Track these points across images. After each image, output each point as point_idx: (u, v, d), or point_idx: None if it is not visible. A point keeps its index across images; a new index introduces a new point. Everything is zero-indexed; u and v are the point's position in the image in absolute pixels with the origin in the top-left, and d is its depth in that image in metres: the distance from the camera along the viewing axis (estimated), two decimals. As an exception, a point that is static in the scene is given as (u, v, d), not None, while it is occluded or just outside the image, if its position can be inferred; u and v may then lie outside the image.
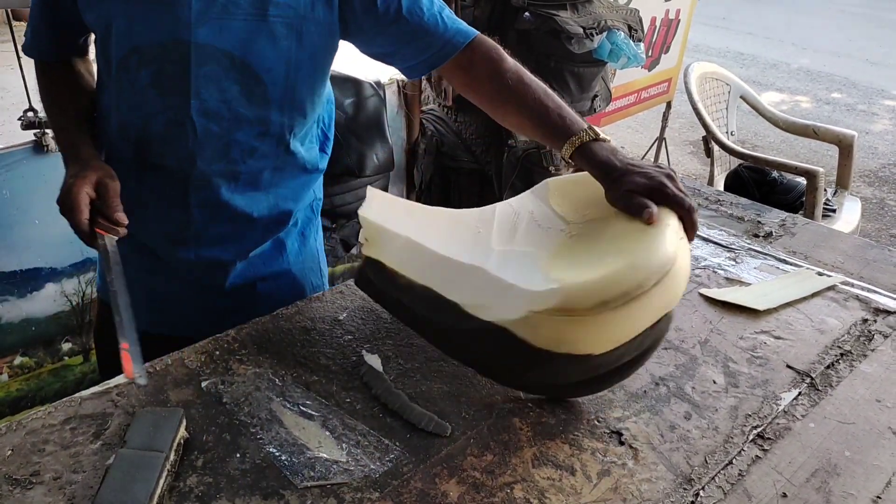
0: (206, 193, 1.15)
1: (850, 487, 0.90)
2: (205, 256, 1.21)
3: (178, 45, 1.03)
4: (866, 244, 1.53)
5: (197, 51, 1.03)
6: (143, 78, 1.06)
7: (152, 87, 1.06)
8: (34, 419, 0.93)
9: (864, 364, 1.13)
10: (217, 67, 1.05)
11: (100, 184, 1.03)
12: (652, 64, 3.47)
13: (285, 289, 1.30)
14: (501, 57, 1.12)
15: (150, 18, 1.02)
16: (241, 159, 1.13)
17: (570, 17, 2.25)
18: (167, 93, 1.06)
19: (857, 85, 6.81)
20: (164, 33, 1.03)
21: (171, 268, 1.21)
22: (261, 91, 1.08)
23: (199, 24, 1.02)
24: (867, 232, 3.97)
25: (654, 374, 1.08)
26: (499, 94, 1.11)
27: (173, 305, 1.26)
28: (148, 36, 1.03)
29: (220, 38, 1.03)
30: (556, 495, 0.86)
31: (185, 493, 0.84)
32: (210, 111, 1.08)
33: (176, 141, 1.10)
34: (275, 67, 1.07)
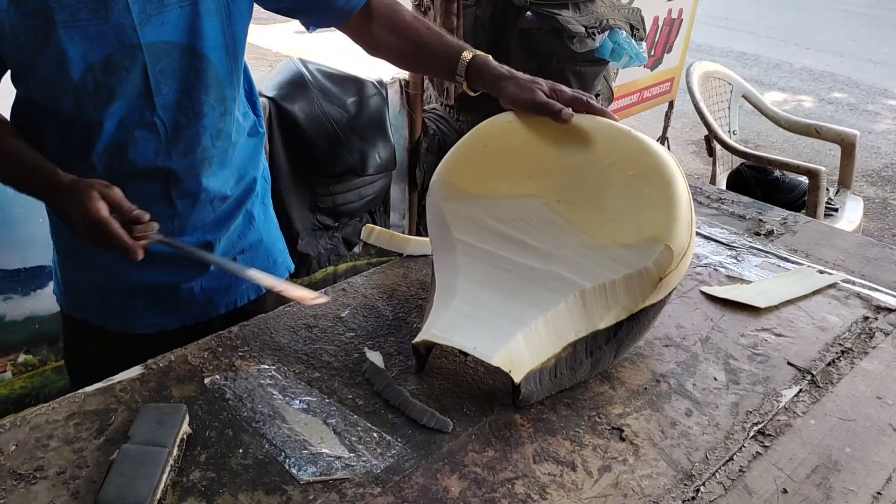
0: (187, 184, 1.16)
1: (850, 483, 0.90)
2: (190, 243, 1.20)
3: (129, 50, 1.03)
4: (867, 242, 1.53)
5: (148, 50, 1.04)
6: (104, 93, 1.05)
7: (117, 98, 1.06)
8: (38, 415, 0.94)
9: (865, 361, 1.13)
10: (170, 60, 1.07)
11: (104, 196, 1.01)
12: (654, 63, 3.47)
13: (260, 259, 1.35)
14: (396, 10, 1.23)
15: (93, 34, 1.01)
16: (211, 144, 1.16)
17: (572, 16, 2.25)
18: (130, 98, 1.06)
19: (860, 85, 6.80)
20: (112, 44, 1.02)
21: (158, 259, 1.18)
22: (212, 72, 1.11)
23: (143, 25, 1.03)
24: (869, 231, 3.97)
25: (655, 370, 1.09)
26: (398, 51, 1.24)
27: (161, 298, 1.26)
28: (99, 51, 1.02)
29: (164, 32, 1.04)
30: (557, 491, 0.87)
31: (188, 487, 0.84)
32: (173, 105, 1.09)
33: (148, 143, 1.10)
34: (217, 45, 1.10)
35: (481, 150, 1.15)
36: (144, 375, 1.02)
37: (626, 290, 1.01)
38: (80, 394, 0.98)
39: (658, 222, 1.02)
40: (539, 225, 1.09)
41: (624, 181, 1.07)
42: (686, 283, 1.31)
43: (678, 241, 1.00)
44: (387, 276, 1.31)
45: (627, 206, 1.05)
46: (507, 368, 0.93)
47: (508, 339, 0.95)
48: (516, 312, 0.99)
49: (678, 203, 1.03)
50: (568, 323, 1.00)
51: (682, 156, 4.92)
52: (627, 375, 1.07)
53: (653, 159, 1.06)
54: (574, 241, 1.06)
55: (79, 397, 0.97)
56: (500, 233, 1.09)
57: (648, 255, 1.00)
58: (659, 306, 1.07)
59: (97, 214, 0.98)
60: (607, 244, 1.04)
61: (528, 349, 0.96)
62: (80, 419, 0.94)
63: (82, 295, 1.28)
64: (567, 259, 1.05)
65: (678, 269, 1.03)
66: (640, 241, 1.02)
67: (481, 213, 1.12)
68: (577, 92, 1.13)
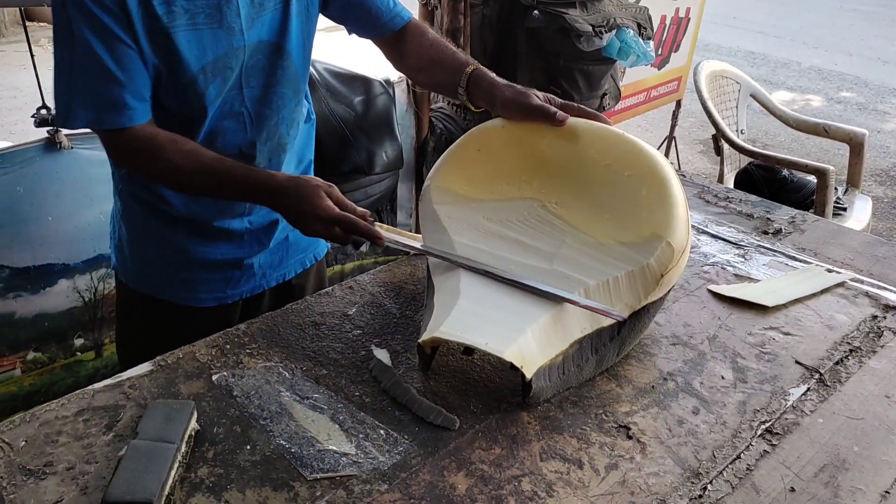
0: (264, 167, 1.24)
1: (858, 482, 0.90)
2: (257, 222, 1.31)
3: (235, 51, 1.12)
4: (876, 241, 1.52)
5: (249, 49, 1.14)
6: (212, 92, 1.13)
7: (217, 96, 1.14)
8: (47, 411, 0.95)
9: (874, 360, 1.13)
10: (261, 57, 1.17)
11: (329, 196, 1.09)
12: (662, 62, 3.46)
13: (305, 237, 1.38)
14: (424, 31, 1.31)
15: (207, 38, 1.09)
16: (286, 132, 1.26)
17: (580, 15, 2.25)
18: (226, 92, 1.15)
19: (869, 84, 6.77)
20: (223, 46, 1.11)
21: (223, 237, 1.29)
22: (293, 67, 1.21)
23: (250, 27, 1.12)
24: (878, 231, 3.95)
25: (662, 369, 1.09)
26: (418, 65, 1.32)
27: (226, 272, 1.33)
28: (211, 53, 1.10)
29: (262, 33, 1.14)
30: (563, 488, 0.87)
31: (196, 484, 0.85)
32: (259, 97, 1.19)
33: (236, 132, 1.20)
34: (298, 42, 1.20)
35: (474, 155, 1.17)
36: (153, 372, 1.03)
37: (629, 286, 1.02)
38: (89, 390, 0.98)
39: (658, 220, 1.05)
40: (537, 226, 1.12)
41: (621, 182, 1.10)
42: (693, 281, 1.31)
43: (677, 237, 1.04)
44: (393, 273, 1.31)
45: (625, 205, 1.08)
46: (519, 364, 0.93)
47: (518, 335, 0.95)
48: (523, 309, 1.00)
49: (676, 202, 1.06)
50: (573, 320, 1.01)
51: (689, 155, 4.90)
52: (634, 373, 1.07)
53: (648, 160, 1.09)
54: (574, 241, 1.08)
55: (88, 393, 0.98)
56: (498, 234, 1.11)
57: (650, 252, 1.03)
58: (659, 303, 1.09)
59: (334, 213, 1.07)
60: (607, 243, 1.06)
61: (538, 346, 0.97)
62: (90, 415, 0.94)
63: (151, 271, 1.33)
64: (568, 258, 1.06)
65: (678, 266, 1.06)
66: (641, 238, 1.04)
67: (477, 215, 1.13)
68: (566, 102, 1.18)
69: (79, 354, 1.95)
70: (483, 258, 1.07)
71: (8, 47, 5.96)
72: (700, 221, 1.55)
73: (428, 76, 1.33)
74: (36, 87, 1.74)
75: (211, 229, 1.28)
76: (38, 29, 6.22)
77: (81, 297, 1.89)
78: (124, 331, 1.47)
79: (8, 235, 1.72)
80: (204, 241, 1.29)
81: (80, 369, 1.97)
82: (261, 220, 1.31)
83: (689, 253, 1.10)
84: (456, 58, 1.27)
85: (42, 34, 6.12)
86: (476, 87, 1.21)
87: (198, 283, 1.33)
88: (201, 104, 1.13)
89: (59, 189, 1.76)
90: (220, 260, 1.32)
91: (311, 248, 1.46)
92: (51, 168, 1.74)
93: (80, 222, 1.82)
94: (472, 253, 1.08)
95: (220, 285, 1.34)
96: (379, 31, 1.31)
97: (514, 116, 1.17)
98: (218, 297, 1.35)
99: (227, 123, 1.18)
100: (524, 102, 1.15)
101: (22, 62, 5.41)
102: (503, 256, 1.07)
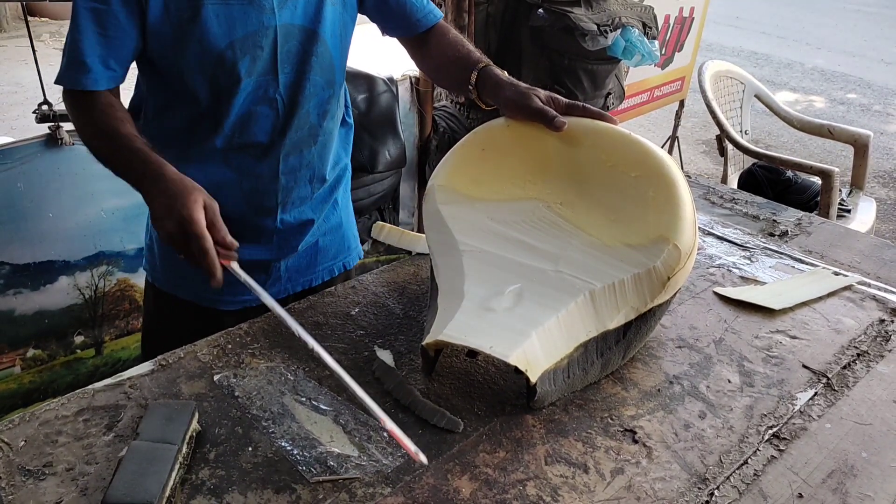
0: (293, 160, 1.24)
1: (867, 489, 0.89)
2: (288, 222, 1.29)
3: (266, 30, 1.12)
4: (883, 244, 1.51)
5: (281, 32, 1.13)
6: (241, 69, 1.13)
7: (248, 76, 1.14)
8: (47, 410, 0.94)
9: (881, 365, 1.12)
10: (296, 43, 1.16)
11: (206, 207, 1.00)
12: (665, 62, 3.45)
13: (338, 242, 1.41)
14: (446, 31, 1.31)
15: (237, 13, 1.10)
16: (318, 122, 1.25)
17: (585, 13, 2.24)
18: (258, 75, 1.15)
19: (872, 85, 6.75)
20: (253, 23, 1.11)
21: (252, 236, 1.27)
22: (328, 56, 1.21)
23: (280, 7, 1.12)
24: (882, 233, 3.94)
25: (669, 372, 1.07)
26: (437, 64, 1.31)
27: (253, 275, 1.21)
28: (241, 29, 1.11)
29: (295, 16, 1.14)
30: (569, 493, 0.86)
31: (197, 485, 0.84)
32: (293, 83, 1.18)
33: (268, 118, 1.19)
34: (334, 31, 1.20)
35: (479, 155, 1.16)
36: (154, 371, 1.02)
37: (635, 289, 1.01)
38: (89, 389, 0.97)
39: (664, 222, 1.03)
40: (542, 227, 1.10)
41: (627, 183, 1.08)
42: (699, 283, 1.30)
43: (684, 240, 1.02)
44: (397, 273, 1.30)
45: (632, 207, 1.07)
46: (523, 368, 0.92)
47: (524, 339, 0.94)
48: (529, 313, 0.98)
49: (683, 204, 1.05)
50: (579, 323, 1.00)
51: (692, 155, 4.89)
52: (640, 377, 1.06)
53: (655, 162, 1.08)
54: (580, 242, 1.07)
55: (88, 393, 0.97)
56: (504, 235, 1.09)
57: (656, 255, 1.01)
58: (665, 306, 1.08)
59: (197, 223, 0.97)
60: (613, 245, 1.05)
61: (543, 349, 0.96)
62: (90, 415, 0.93)
63: (179, 272, 1.33)
64: (574, 260, 1.05)
65: (685, 269, 1.04)
66: (648, 241, 1.03)
67: (482, 216, 1.11)
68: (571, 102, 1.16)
69: (79, 352, 1.94)
70: (487, 259, 1.06)
71: (9, 42, 5.95)
72: (706, 223, 1.53)
73: (444, 74, 1.32)
74: (37, 83, 1.73)
75: (240, 227, 1.22)
76: (40, 24, 6.22)
77: (82, 294, 1.88)
78: (150, 329, 1.48)
79: (8, 232, 1.71)
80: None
81: (80, 367, 1.96)
82: (292, 219, 1.29)
83: (696, 255, 1.09)
84: (469, 56, 1.25)
85: (44, 29, 6.12)
86: (483, 85, 1.20)
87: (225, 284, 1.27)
88: (231, 80, 1.13)
89: (59, 185, 1.75)
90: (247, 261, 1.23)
91: (341, 257, 1.44)
92: (52, 164, 1.73)
93: (81, 219, 1.81)
94: (476, 254, 1.06)
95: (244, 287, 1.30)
96: (409, 30, 1.31)
97: (517, 117, 1.16)
98: (242, 301, 1.33)
99: (260, 109, 1.18)
100: (524, 104, 1.14)
101: (23, 57, 5.40)
102: (507, 258, 1.06)
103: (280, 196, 1.26)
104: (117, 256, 1.92)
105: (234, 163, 1.21)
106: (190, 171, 1.12)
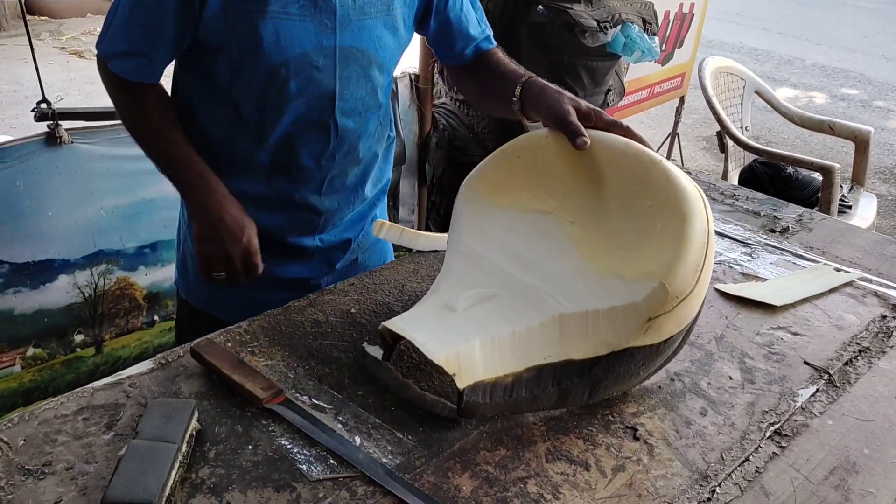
0: (337, 182, 1.23)
1: (869, 485, 0.89)
2: (328, 241, 1.29)
3: (324, 51, 1.09)
4: (885, 240, 1.51)
5: (342, 54, 1.10)
6: (292, 88, 1.10)
7: (300, 96, 1.11)
8: (46, 409, 0.93)
9: (883, 361, 1.11)
10: (357, 67, 1.14)
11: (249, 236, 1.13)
12: (665, 58, 3.44)
13: (375, 257, 1.39)
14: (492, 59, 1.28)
15: (297, 30, 1.06)
16: (367, 148, 1.24)
17: (584, 10, 2.23)
18: (313, 98, 1.12)
19: (873, 81, 6.74)
20: (311, 42, 1.07)
21: (291, 254, 1.27)
22: (383, 81, 1.19)
23: (343, 28, 1.09)
24: (883, 229, 3.93)
25: (669, 369, 1.07)
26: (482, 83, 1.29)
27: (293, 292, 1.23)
28: (297, 47, 1.07)
29: (359, 39, 1.11)
30: (570, 490, 0.86)
31: (197, 484, 0.84)
32: (349, 109, 1.16)
33: (319, 142, 1.17)
34: (393, 58, 1.19)
35: (513, 162, 1.11)
36: (153, 370, 1.01)
37: (609, 323, 0.93)
38: (88, 388, 0.97)
39: (660, 258, 0.93)
40: (544, 242, 1.05)
41: (640, 211, 0.99)
42: (700, 280, 1.29)
43: (677, 282, 0.91)
44: (397, 271, 1.30)
45: (637, 237, 0.98)
46: (451, 371, 0.88)
47: (464, 343, 0.91)
48: (483, 321, 0.95)
49: (688, 243, 0.93)
50: (538, 344, 0.94)
51: (692, 152, 4.88)
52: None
53: (674, 193, 0.97)
54: (570, 264, 1.00)
55: (88, 392, 0.97)
56: (504, 244, 1.06)
57: (641, 291, 0.91)
58: (649, 352, 0.95)
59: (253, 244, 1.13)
60: (604, 273, 0.97)
61: (484, 360, 0.92)
62: (89, 414, 0.93)
63: (214, 288, 1.25)
64: (558, 281, 0.99)
65: (673, 314, 0.92)
66: (637, 275, 0.93)
67: (493, 222, 1.09)
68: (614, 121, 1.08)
69: (79, 350, 1.94)
70: (478, 262, 1.05)
71: (8, 41, 5.94)
72: (706, 219, 1.53)
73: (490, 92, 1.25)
74: (36, 81, 1.73)
75: (281, 246, 1.25)
76: (39, 23, 6.21)
77: (81, 293, 1.88)
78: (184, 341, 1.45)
79: (7, 230, 1.71)
80: (273, 257, 1.22)
81: (80, 365, 1.95)
82: (333, 238, 1.29)
83: (698, 306, 0.97)
84: (517, 70, 1.21)
85: (43, 28, 6.12)
86: (528, 96, 1.14)
87: (264, 302, 1.20)
88: (280, 99, 1.10)
89: (58, 184, 1.75)
90: (287, 279, 1.28)
91: None
92: (51, 163, 1.73)
93: (81, 217, 1.81)
94: (471, 256, 1.06)
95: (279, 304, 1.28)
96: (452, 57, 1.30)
97: (550, 125, 1.08)
98: None
99: (310, 133, 1.15)
100: (556, 113, 1.05)
101: (23, 56, 5.39)
102: (496, 264, 1.04)
103: (322, 218, 1.25)
104: (117, 255, 1.92)
105: (277, 184, 1.19)
106: (234, 185, 1.16)
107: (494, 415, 0.94)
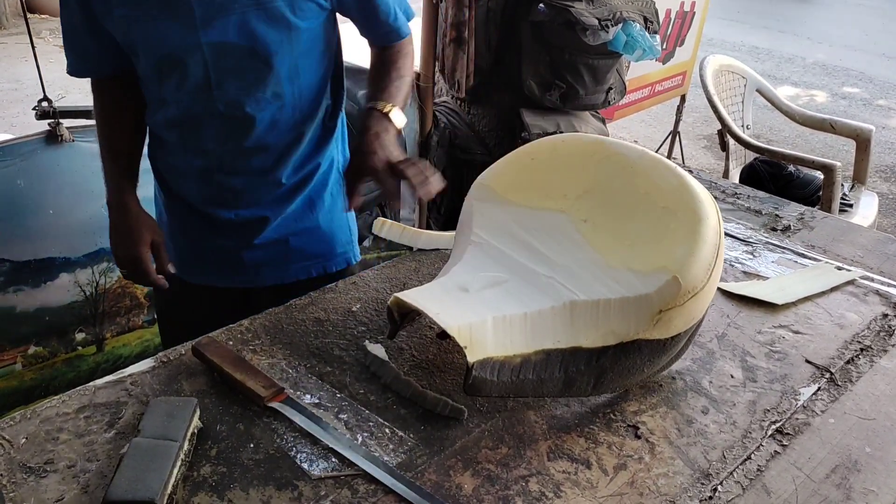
0: (242, 166, 1.28)
1: (870, 484, 0.89)
2: (244, 216, 1.34)
3: (192, 49, 1.14)
4: (886, 238, 1.51)
5: (211, 49, 1.15)
6: (173, 82, 1.19)
7: (179, 89, 1.19)
8: (48, 408, 0.93)
9: (885, 359, 1.11)
10: (231, 60, 1.17)
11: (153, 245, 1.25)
12: (666, 57, 3.44)
13: (315, 243, 1.42)
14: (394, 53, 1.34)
15: (162, 31, 1.13)
16: (265, 135, 1.26)
17: (585, 8, 2.23)
18: (192, 91, 1.19)
19: (874, 80, 6.73)
20: (177, 41, 1.14)
21: (212, 224, 1.35)
22: (271, 72, 1.19)
23: (205, 26, 1.13)
24: (884, 227, 3.93)
25: (671, 367, 1.07)
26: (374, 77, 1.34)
27: (211, 256, 1.40)
28: (167, 46, 1.15)
29: (226, 34, 1.14)
30: (571, 489, 0.86)
31: (198, 482, 0.84)
32: (232, 100, 1.20)
33: (211, 128, 1.23)
34: (279, 47, 1.18)
35: (527, 162, 1.14)
36: (155, 368, 1.01)
37: (620, 313, 0.95)
38: (90, 386, 0.97)
39: (674, 254, 0.96)
40: (557, 238, 1.06)
41: (654, 213, 1.02)
42: (701, 278, 1.29)
43: (690, 276, 0.93)
44: (398, 269, 1.30)
45: (650, 235, 1.00)
46: (462, 343, 0.89)
47: (476, 318, 0.92)
48: (495, 301, 0.96)
49: (702, 241, 0.96)
50: (549, 328, 0.95)
51: (693, 150, 4.88)
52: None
53: (688, 196, 1.01)
54: (584, 257, 1.02)
55: (89, 390, 0.97)
56: (517, 237, 1.07)
57: (653, 283, 0.94)
58: (656, 347, 0.97)
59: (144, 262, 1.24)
60: (617, 266, 0.99)
61: (495, 337, 0.92)
62: (91, 412, 0.93)
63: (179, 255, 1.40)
64: (570, 271, 1.00)
65: (684, 309, 0.94)
66: (651, 269, 0.96)
67: (507, 217, 1.09)
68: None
69: (80, 349, 1.94)
70: (490, 252, 1.05)
71: (9, 39, 5.94)
72: (707, 218, 1.53)
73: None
74: (37, 80, 1.73)
75: (201, 213, 1.34)
76: (40, 21, 6.20)
77: (83, 291, 1.88)
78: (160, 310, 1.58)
79: (8, 229, 1.71)
80: (196, 223, 1.36)
81: (81, 364, 1.95)
82: (248, 214, 1.34)
83: (708, 303, 1.00)
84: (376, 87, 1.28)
85: (43, 26, 6.11)
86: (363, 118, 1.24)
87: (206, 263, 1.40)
88: (167, 90, 1.20)
89: (60, 182, 1.75)
90: (213, 248, 1.38)
91: (321, 260, 1.43)
92: (52, 161, 1.73)
93: (82, 215, 1.81)
94: (483, 246, 1.06)
95: (223, 270, 1.41)
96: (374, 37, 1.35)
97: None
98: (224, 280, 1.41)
99: (206, 120, 1.22)
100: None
101: (23, 54, 5.39)
102: (508, 255, 1.05)
103: (233, 194, 1.31)
104: (118, 253, 1.91)
105: (192, 161, 1.29)
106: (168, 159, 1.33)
107: (500, 394, 0.94)
